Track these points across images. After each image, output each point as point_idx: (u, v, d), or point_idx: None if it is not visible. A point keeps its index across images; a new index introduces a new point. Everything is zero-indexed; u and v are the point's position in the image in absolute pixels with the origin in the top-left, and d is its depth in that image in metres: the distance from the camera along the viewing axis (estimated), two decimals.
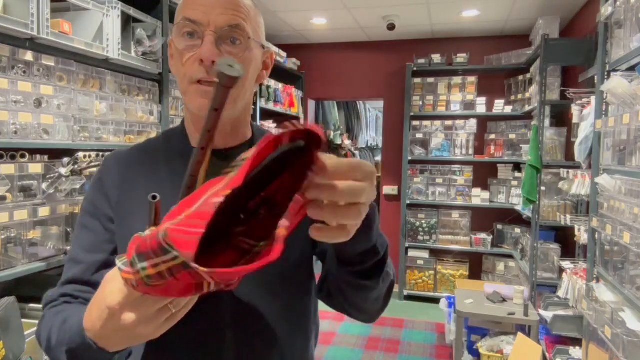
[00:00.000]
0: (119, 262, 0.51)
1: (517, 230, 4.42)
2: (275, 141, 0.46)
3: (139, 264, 0.48)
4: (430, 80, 4.77)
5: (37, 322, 1.80)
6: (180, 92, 0.84)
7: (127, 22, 2.36)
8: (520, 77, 4.46)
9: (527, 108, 4.13)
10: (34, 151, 1.88)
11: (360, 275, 0.69)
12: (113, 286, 0.55)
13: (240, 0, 0.79)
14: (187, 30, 0.77)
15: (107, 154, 0.92)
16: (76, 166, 1.93)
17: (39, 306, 1.85)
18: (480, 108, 4.62)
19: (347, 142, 6.87)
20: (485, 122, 4.75)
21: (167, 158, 0.85)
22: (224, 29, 0.76)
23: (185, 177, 0.56)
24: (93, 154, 2.11)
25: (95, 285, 0.78)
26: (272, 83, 4.35)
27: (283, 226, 0.47)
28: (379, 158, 8.59)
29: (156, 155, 0.86)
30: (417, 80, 4.80)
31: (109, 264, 0.79)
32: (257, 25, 0.83)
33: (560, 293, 2.78)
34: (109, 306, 0.55)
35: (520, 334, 2.65)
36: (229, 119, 0.81)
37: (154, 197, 0.56)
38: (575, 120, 2.95)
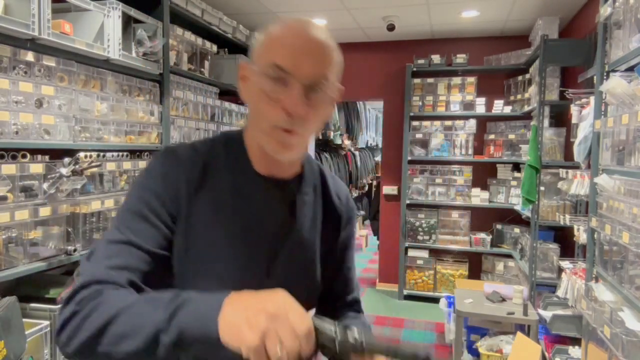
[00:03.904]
0: None
1: (517, 230, 4.43)
2: None
3: None
4: (430, 80, 4.78)
5: (39, 321, 1.80)
6: (252, 123, 0.85)
7: (128, 23, 2.37)
8: (520, 78, 4.47)
9: (527, 108, 4.14)
10: (35, 151, 1.89)
11: None
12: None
13: (329, 48, 0.79)
14: (275, 76, 0.76)
15: (170, 145, 0.92)
16: (77, 166, 1.94)
17: (41, 305, 1.86)
18: (480, 108, 4.63)
19: (347, 142, 6.88)
20: (484, 122, 4.76)
21: (228, 171, 0.85)
22: (312, 81, 0.77)
23: None
24: (94, 154, 2.11)
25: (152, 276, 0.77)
26: None
27: None
28: (378, 158, 8.60)
29: (219, 169, 0.85)
30: (417, 80, 4.80)
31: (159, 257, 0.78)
32: (339, 69, 0.83)
33: (560, 293, 2.79)
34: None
35: (519, 334, 2.65)
36: (295, 159, 0.88)
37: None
38: (574, 120, 2.96)
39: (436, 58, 4.67)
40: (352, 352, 0.62)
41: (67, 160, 1.93)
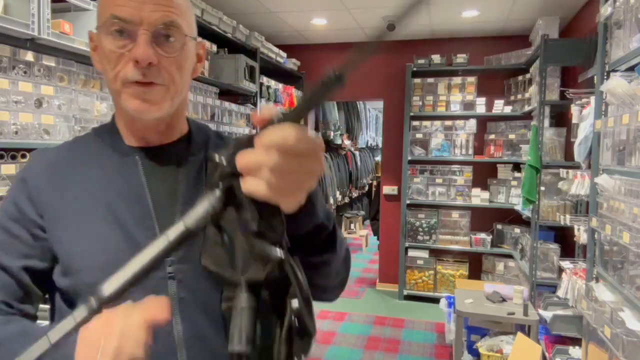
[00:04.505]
0: None
1: (517, 230, 4.42)
2: None
3: None
4: (430, 80, 4.78)
5: None
6: (109, 90, 0.78)
7: None
8: (520, 78, 4.47)
9: (527, 108, 4.13)
10: None
11: (316, 252, 0.69)
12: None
13: None
14: (115, 29, 0.71)
15: (32, 152, 0.86)
16: None
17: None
18: (480, 108, 4.63)
19: (347, 142, 6.87)
20: (484, 122, 4.76)
21: (98, 157, 0.80)
22: (159, 27, 0.72)
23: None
24: None
25: (25, 290, 0.74)
26: (272, 83, 4.35)
27: None
28: (379, 158, 8.60)
29: (87, 153, 0.81)
30: (417, 80, 4.80)
31: (35, 270, 0.75)
32: (191, 18, 0.79)
33: (560, 293, 2.79)
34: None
35: (519, 334, 2.65)
36: (164, 117, 0.78)
37: None
38: (574, 120, 2.96)
39: (436, 58, 4.67)
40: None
41: None
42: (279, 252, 0.53)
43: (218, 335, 0.71)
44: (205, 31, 3.28)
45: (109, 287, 0.53)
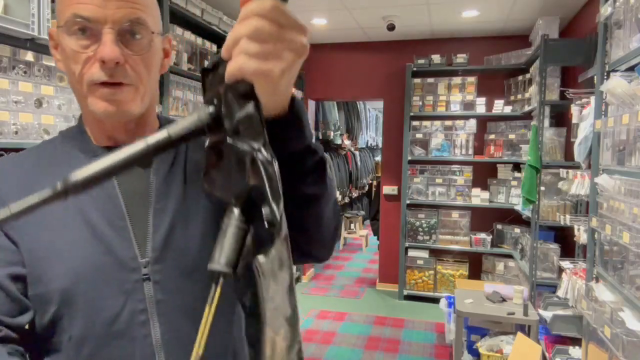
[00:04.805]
0: None
1: (517, 230, 4.42)
2: None
3: None
4: (430, 80, 4.78)
5: None
6: (73, 92, 0.75)
7: None
8: (520, 78, 4.47)
9: (527, 108, 4.13)
10: None
11: (306, 182, 0.66)
12: None
13: None
14: (78, 28, 0.68)
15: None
16: None
17: None
18: (480, 108, 4.63)
19: (347, 142, 6.88)
20: (484, 122, 4.76)
21: (66, 159, 0.77)
22: (124, 25, 0.69)
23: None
24: None
25: (15, 301, 0.68)
26: None
27: None
28: (379, 158, 8.61)
29: (54, 157, 0.78)
30: (417, 80, 4.80)
31: (19, 277, 0.70)
32: (156, 13, 0.76)
33: (560, 293, 2.79)
34: None
35: (519, 334, 2.65)
36: (134, 116, 0.75)
37: None
38: (574, 120, 2.96)
39: (436, 58, 4.67)
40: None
41: None
42: (254, 146, 0.49)
43: None
44: (205, 31, 3.28)
45: (79, 173, 0.50)
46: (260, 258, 0.49)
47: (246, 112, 0.50)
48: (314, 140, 0.66)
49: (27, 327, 0.71)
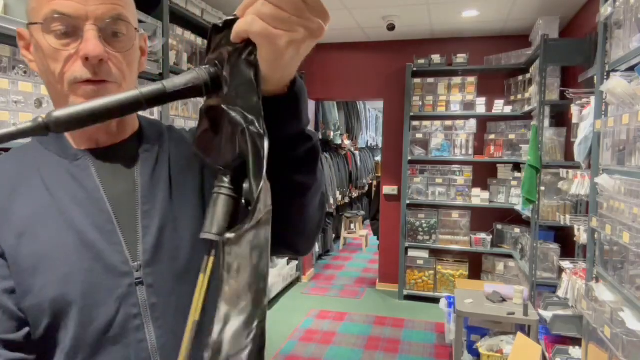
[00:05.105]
0: None
1: (517, 230, 4.42)
2: None
3: None
4: (430, 80, 4.78)
5: None
6: (50, 92, 0.72)
7: None
8: (520, 77, 4.47)
9: (527, 108, 4.13)
10: None
11: (297, 168, 0.65)
12: None
13: None
14: (58, 25, 0.66)
15: None
16: None
17: None
18: (480, 108, 4.63)
19: (347, 142, 6.88)
20: (484, 122, 4.76)
21: (46, 165, 0.73)
22: (106, 22, 0.67)
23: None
24: None
25: (14, 318, 0.65)
26: None
27: None
28: (379, 158, 8.61)
29: (31, 164, 0.73)
30: (417, 80, 4.80)
31: (14, 291, 0.67)
32: (134, 9, 0.75)
33: (560, 293, 2.79)
34: None
35: (519, 334, 2.65)
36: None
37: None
38: (574, 120, 2.96)
39: (436, 58, 4.67)
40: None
41: None
42: (247, 117, 0.48)
43: (195, 340, 0.68)
44: (205, 31, 3.27)
45: (63, 110, 0.47)
46: (229, 234, 0.48)
47: (246, 78, 0.49)
48: (308, 126, 0.66)
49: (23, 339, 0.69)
